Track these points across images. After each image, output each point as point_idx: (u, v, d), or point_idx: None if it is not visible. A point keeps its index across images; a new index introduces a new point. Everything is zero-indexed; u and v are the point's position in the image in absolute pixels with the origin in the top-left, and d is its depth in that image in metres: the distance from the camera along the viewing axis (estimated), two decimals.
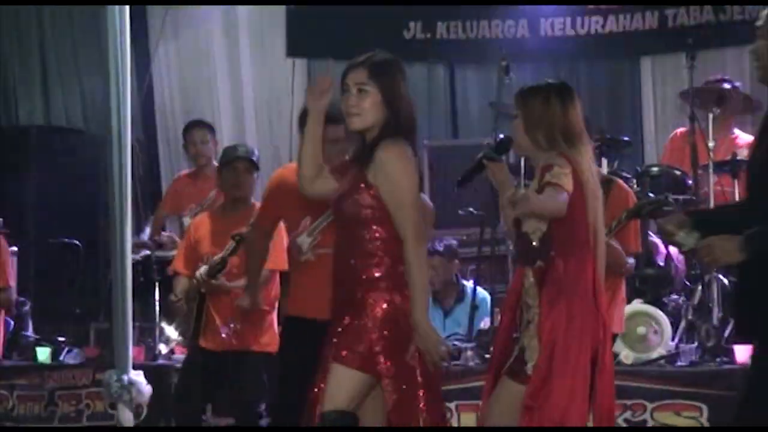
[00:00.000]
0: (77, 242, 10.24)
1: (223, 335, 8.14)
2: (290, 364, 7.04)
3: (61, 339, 9.65)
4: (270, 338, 8.11)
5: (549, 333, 5.42)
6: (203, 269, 8.14)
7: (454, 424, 7.92)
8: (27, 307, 9.85)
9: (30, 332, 9.76)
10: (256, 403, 8.15)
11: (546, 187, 5.38)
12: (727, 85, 9.16)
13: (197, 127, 10.31)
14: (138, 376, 8.02)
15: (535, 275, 5.51)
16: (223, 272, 8.07)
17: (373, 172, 5.48)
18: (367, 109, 5.55)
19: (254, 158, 8.40)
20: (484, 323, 8.84)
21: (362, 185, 5.56)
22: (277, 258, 7.76)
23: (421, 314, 5.43)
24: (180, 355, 8.77)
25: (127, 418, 8.05)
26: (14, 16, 12.07)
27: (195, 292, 8.24)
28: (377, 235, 5.56)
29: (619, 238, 7.03)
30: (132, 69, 8.01)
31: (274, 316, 8.21)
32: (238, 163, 8.30)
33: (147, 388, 8.05)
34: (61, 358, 9.41)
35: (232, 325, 8.10)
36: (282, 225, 7.27)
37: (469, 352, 8.38)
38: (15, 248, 9.86)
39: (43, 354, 9.39)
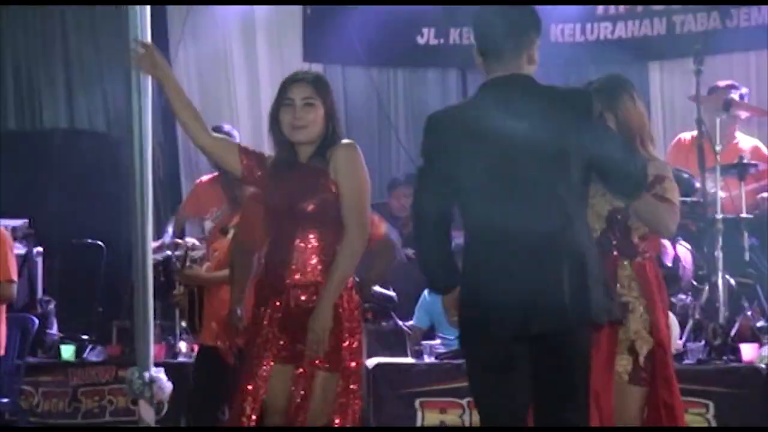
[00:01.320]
0: (100, 243, 10.27)
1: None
2: None
3: (85, 337, 9.69)
4: None
5: (661, 331, 5.49)
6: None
7: (466, 420, 7.97)
8: (51, 306, 9.87)
9: (54, 330, 9.79)
10: None
11: (663, 202, 5.49)
12: (734, 92, 9.16)
13: (218, 133, 10.34)
14: (159, 374, 8.03)
15: (634, 269, 5.53)
16: (187, 261, 8.12)
17: (334, 169, 5.63)
18: (312, 122, 5.77)
19: None
20: None
21: (328, 183, 5.69)
22: None
23: (330, 301, 5.67)
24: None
25: (148, 414, 8.07)
26: (39, 22, 12.11)
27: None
28: (333, 230, 5.80)
29: None
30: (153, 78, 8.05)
31: None
32: None
33: (168, 385, 8.07)
34: (85, 355, 9.45)
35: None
36: None
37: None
38: (40, 248, 9.90)
39: (67, 352, 9.43)
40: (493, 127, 4.96)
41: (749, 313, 8.36)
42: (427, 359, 8.46)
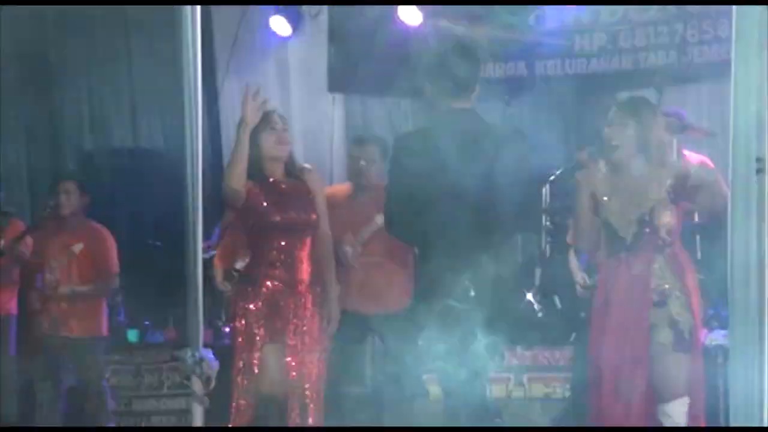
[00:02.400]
0: (159, 243, 10.29)
1: None
2: None
3: (147, 323, 9.72)
4: None
5: (695, 307, 5.71)
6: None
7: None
8: (120, 297, 9.91)
9: (122, 317, 9.81)
10: None
11: None
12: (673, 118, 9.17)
13: None
14: (207, 353, 8.08)
15: (667, 260, 5.54)
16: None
17: (311, 185, 5.76)
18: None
19: None
20: None
21: (310, 196, 5.79)
22: None
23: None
24: None
25: (198, 387, 8.09)
26: (109, 51, 12.12)
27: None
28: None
29: None
30: (203, 101, 8.06)
31: None
32: None
33: (215, 363, 8.09)
34: (147, 338, 9.48)
35: None
36: None
37: None
38: None
39: (133, 335, 9.47)
40: None
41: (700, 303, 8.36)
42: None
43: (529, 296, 8.85)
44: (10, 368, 9.13)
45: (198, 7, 7.75)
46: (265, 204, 6.03)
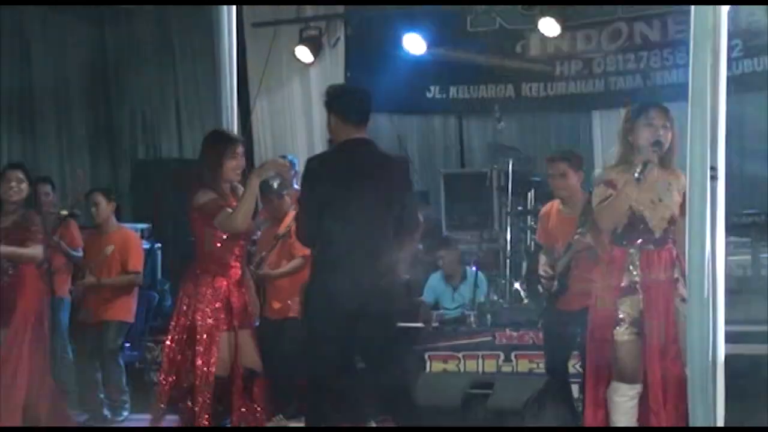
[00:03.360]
0: None
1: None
2: None
3: None
4: None
5: None
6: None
7: (462, 370, 7.96)
8: (167, 286, 9.93)
9: (169, 303, 9.81)
10: None
11: None
12: None
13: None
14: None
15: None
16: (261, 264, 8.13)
17: None
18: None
19: (280, 188, 8.46)
20: (483, 297, 8.89)
21: None
22: None
23: None
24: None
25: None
26: (158, 74, 12.15)
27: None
28: None
29: None
30: (238, 117, 8.08)
31: None
32: (271, 196, 8.37)
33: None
34: None
35: (289, 302, 8.18)
36: None
37: (472, 318, 8.42)
38: (159, 244, 9.94)
39: None
40: None
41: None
42: (434, 324, 8.51)
43: (517, 285, 8.86)
44: (65, 347, 9.18)
45: (234, 37, 7.82)
46: None
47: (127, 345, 9.23)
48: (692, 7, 4.87)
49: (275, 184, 8.11)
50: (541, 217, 7.24)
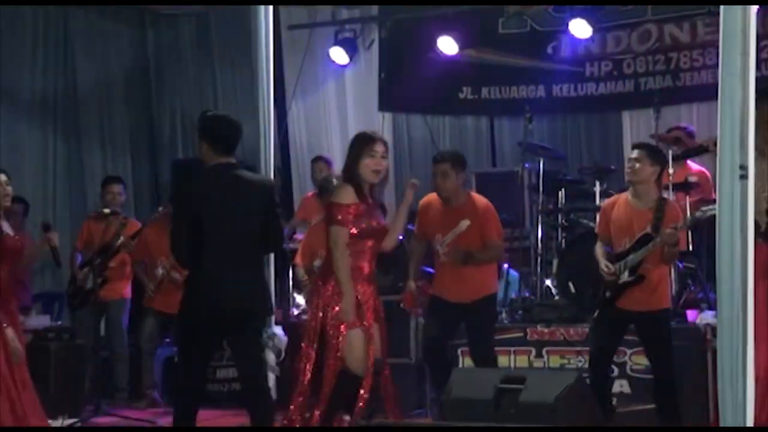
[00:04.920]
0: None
1: None
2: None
3: None
4: None
5: None
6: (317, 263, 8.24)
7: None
8: None
9: None
10: None
11: None
12: (679, 132, 9.11)
13: (319, 161, 10.37)
14: (278, 330, 8.08)
15: None
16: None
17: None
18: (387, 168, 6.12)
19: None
20: (515, 295, 8.86)
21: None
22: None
23: None
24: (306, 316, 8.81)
25: (271, 358, 8.10)
26: (197, 77, 12.18)
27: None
28: None
29: None
30: (274, 117, 8.08)
31: None
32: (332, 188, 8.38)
33: (284, 338, 8.10)
34: None
35: None
36: None
37: (504, 314, 8.39)
38: None
39: None
40: None
41: (692, 288, 8.32)
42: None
43: (548, 282, 8.81)
44: (124, 341, 9.25)
45: (271, 39, 7.82)
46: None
47: (166, 340, 9.28)
48: (721, 7, 4.82)
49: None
50: (604, 209, 7.16)
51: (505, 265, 9.01)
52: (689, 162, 9.21)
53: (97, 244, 8.98)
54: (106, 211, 9.08)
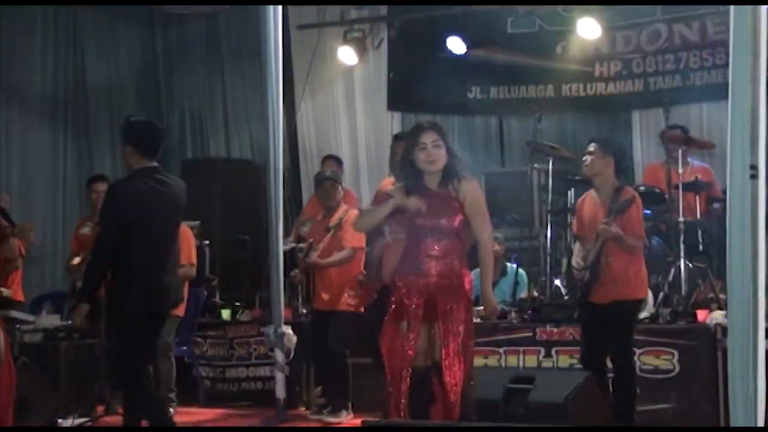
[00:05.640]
0: (247, 237, 10.33)
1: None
2: None
3: (237, 303, 9.72)
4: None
5: None
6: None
7: (502, 365, 7.92)
8: (215, 282, 9.94)
9: (217, 299, 9.84)
10: None
11: None
12: (677, 131, 9.08)
13: (329, 160, 10.37)
14: (287, 329, 8.10)
15: None
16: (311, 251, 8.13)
17: (463, 194, 5.60)
18: (441, 157, 5.71)
19: (334, 176, 8.45)
20: (524, 294, 8.84)
21: (455, 204, 5.63)
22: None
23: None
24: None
25: (280, 357, 8.13)
26: (207, 77, 12.19)
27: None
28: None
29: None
30: (283, 118, 8.08)
31: None
32: (326, 182, 8.38)
33: (294, 338, 8.13)
34: (238, 316, 9.49)
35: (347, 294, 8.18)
36: None
37: (513, 314, 8.37)
38: (207, 241, 9.96)
39: (226, 314, 9.47)
40: None
41: (702, 288, 8.30)
42: (475, 320, 8.44)
43: (557, 282, 8.80)
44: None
45: (280, 39, 7.82)
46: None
47: (176, 340, 9.27)
48: (731, 7, 4.80)
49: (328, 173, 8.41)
50: (576, 207, 7.17)
51: (514, 264, 9.00)
52: (692, 160, 9.20)
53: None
54: None
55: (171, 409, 8.36)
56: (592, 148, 6.85)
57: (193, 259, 8.63)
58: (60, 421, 7.58)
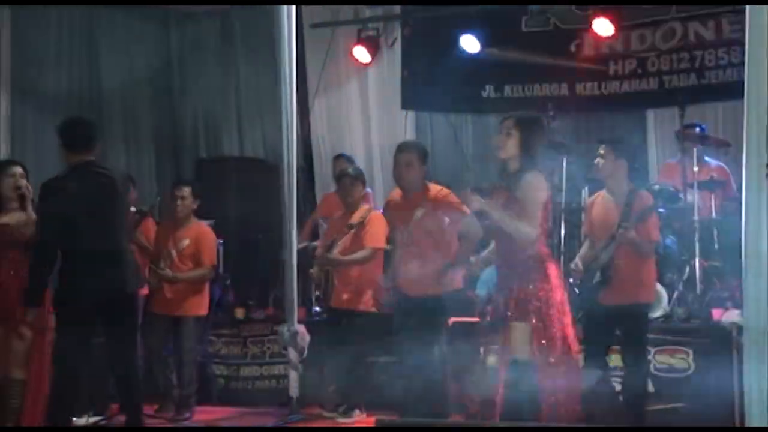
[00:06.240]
0: (260, 236, 10.34)
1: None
2: None
3: (251, 302, 9.73)
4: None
5: None
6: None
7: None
8: (229, 281, 9.94)
9: (231, 298, 9.85)
10: None
11: None
12: (697, 129, 9.07)
13: (340, 159, 10.38)
14: (301, 328, 8.11)
15: None
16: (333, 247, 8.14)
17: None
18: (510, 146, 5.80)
19: (357, 173, 8.44)
20: None
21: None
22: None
23: None
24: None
25: (294, 356, 8.14)
26: (220, 75, 12.21)
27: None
28: None
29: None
30: (297, 116, 8.09)
31: None
32: (345, 179, 8.38)
33: (307, 336, 8.13)
34: (251, 315, 9.49)
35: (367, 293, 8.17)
36: None
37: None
38: (221, 240, 9.95)
39: (240, 312, 9.47)
40: None
41: (717, 287, 8.29)
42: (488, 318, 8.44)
43: (571, 281, 8.79)
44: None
45: (294, 37, 7.84)
46: None
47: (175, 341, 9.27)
48: (747, 6, 4.80)
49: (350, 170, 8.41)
50: (587, 206, 7.16)
51: None
52: (708, 158, 9.18)
53: None
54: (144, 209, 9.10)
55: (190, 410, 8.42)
56: (602, 150, 6.85)
57: (214, 260, 8.66)
58: (74, 419, 7.59)
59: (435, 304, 7.03)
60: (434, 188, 7.24)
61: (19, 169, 7.08)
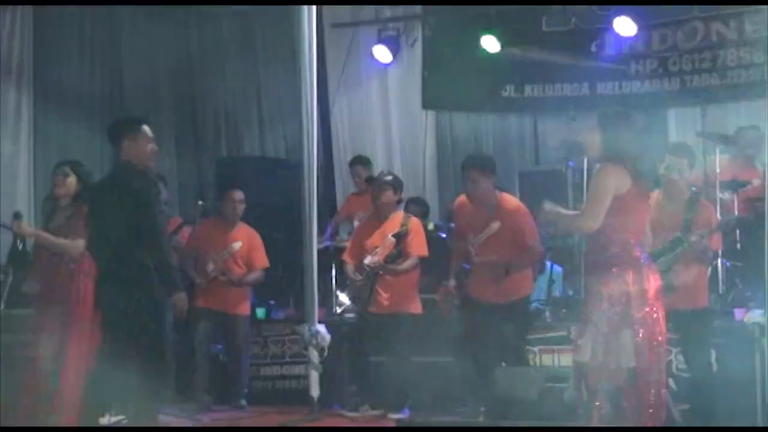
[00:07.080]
0: (281, 236, 10.31)
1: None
2: None
3: (272, 302, 9.73)
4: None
5: None
6: (373, 259, 8.19)
7: (537, 364, 7.87)
8: None
9: (253, 298, 9.83)
10: None
11: None
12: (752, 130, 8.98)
13: (357, 163, 10.40)
14: (321, 328, 8.10)
15: None
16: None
17: None
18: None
19: (394, 183, 8.42)
20: (558, 292, 8.80)
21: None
22: None
23: None
24: (349, 314, 8.79)
25: (314, 356, 8.12)
26: (241, 75, 12.22)
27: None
28: None
29: None
30: (317, 116, 8.08)
31: None
32: (382, 184, 8.37)
33: (327, 336, 8.12)
34: (272, 315, 9.50)
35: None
36: None
37: (547, 312, 8.34)
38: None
39: (261, 313, 9.48)
40: None
41: (740, 287, 8.24)
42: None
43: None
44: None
45: (314, 37, 7.82)
46: None
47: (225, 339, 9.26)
48: (767, 7, 4.75)
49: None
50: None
51: (548, 262, 8.96)
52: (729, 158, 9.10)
53: None
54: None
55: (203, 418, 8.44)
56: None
57: (266, 263, 8.97)
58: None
59: (502, 311, 7.26)
60: (507, 201, 7.44)
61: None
